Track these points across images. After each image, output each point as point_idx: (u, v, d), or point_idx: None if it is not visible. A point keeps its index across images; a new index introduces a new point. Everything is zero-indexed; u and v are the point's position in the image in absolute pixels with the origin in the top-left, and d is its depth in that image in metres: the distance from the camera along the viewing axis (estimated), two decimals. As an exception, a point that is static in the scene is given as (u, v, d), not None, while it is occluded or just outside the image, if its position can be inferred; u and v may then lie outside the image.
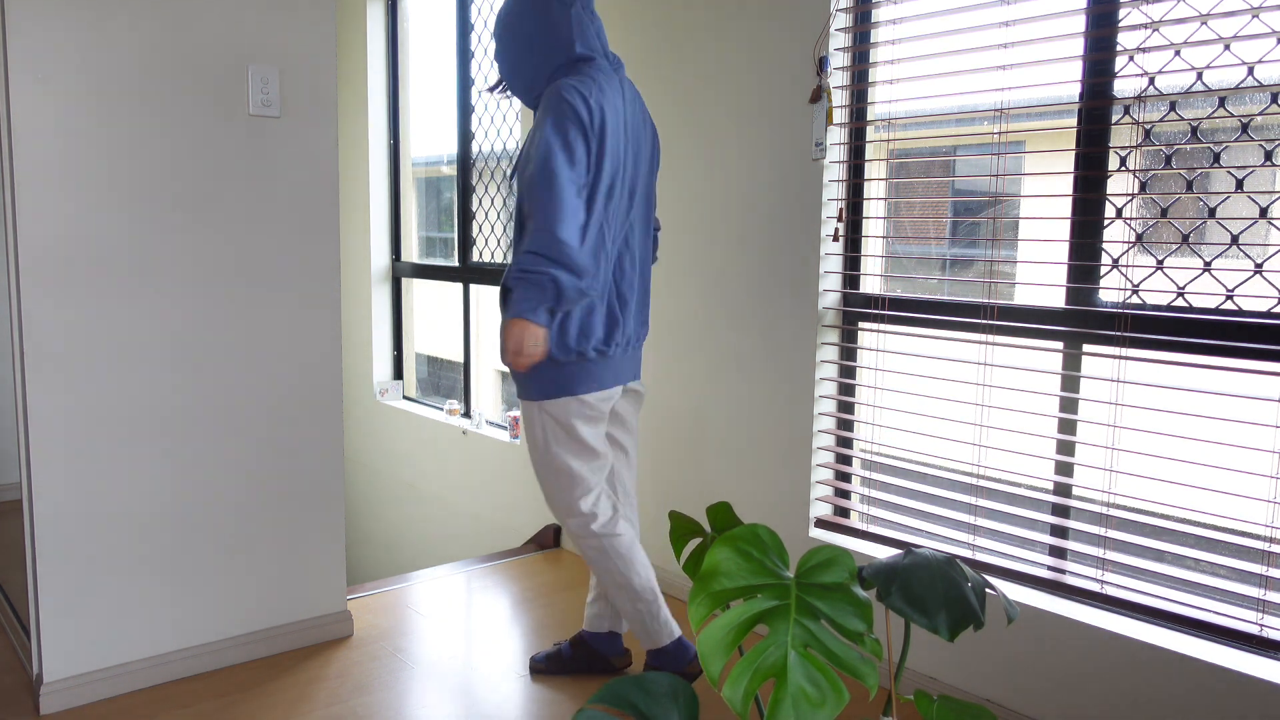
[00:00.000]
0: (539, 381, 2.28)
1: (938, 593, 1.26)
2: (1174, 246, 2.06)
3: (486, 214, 4.20)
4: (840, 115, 2.61)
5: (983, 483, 2.39)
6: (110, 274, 2.35)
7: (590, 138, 2.15)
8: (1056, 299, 2.26)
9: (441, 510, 4.39)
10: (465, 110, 4.25)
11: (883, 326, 2.57)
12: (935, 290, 2.53)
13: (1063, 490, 2.27)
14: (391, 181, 4.79)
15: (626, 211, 2.32)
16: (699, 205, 2.97)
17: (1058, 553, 2.29)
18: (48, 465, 2.30)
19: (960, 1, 2.35)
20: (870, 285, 2.64)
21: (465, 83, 4.23)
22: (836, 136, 2.62)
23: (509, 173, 2.46)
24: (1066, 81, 2.19)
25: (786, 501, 2.78)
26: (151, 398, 2.43)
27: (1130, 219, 2.12)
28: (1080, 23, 2.15)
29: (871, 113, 2.58)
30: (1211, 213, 2.00)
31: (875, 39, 2.56)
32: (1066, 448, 2.26)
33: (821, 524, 2.74)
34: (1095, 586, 2.19)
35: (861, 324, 2.64)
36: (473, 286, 4.29)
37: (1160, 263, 2.08)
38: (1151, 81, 2.05)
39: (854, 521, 2.69)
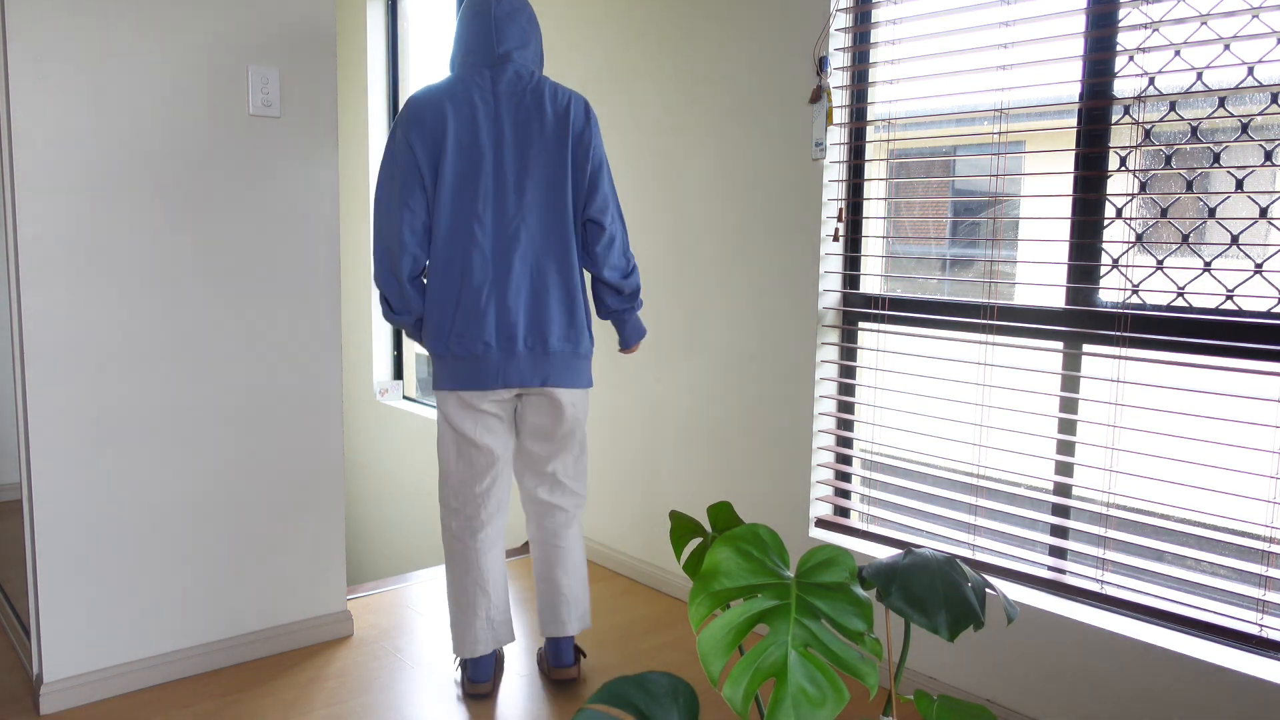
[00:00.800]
0: (433, 374, 2.43)
1: (938, 593, 1.26)
2: (1174, 246, 2.06)
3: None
4: (840, 115, 2.61)
5: (983, 483, 2.39)
6: (110, 274, 2.35)
7: (410, 138, 2.28)
8: (1056, 299, 2.26)
9: (441, 510, 4.39)
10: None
11: (883, 326, 2.57)
12: (935, 290, 2.53)
13: (1063, 490, 2.27)
14: (391, 181, 4.79)
15: (513, 204, 2.28)
16: (699, 205, 2.97)
17: (1058, 553, 2.29)
18: (48, 465, 2.30)
19: (960, 1, 2.35)
20: (870, 285, 2.65)
21: (465, 83, 4.23)
22: (836, 136, 2.62)
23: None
24: (1066, 81, 2.19)
25: (786, 501, 2.78)
26: (152, 397, 2.43)
27: (1130, 219, 2.12)
28: (1080, 23, 2.15)
29: (871, 113, 2.58)
30: (1211, 213, 2.00)
31: (875, 39, 2.56)
32: (1066, 448, 2.26)
33: (821, 524, 2.74)
34: (1095, 586, 2.19)
35: (861, 324, 2.64)
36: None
37: (1160, 263, 2.08)
38: (1151, 81, 2.05)
39: (854, 521, 2.69)
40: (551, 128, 2.30)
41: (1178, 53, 2.01)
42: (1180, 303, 2.07)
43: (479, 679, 2.47)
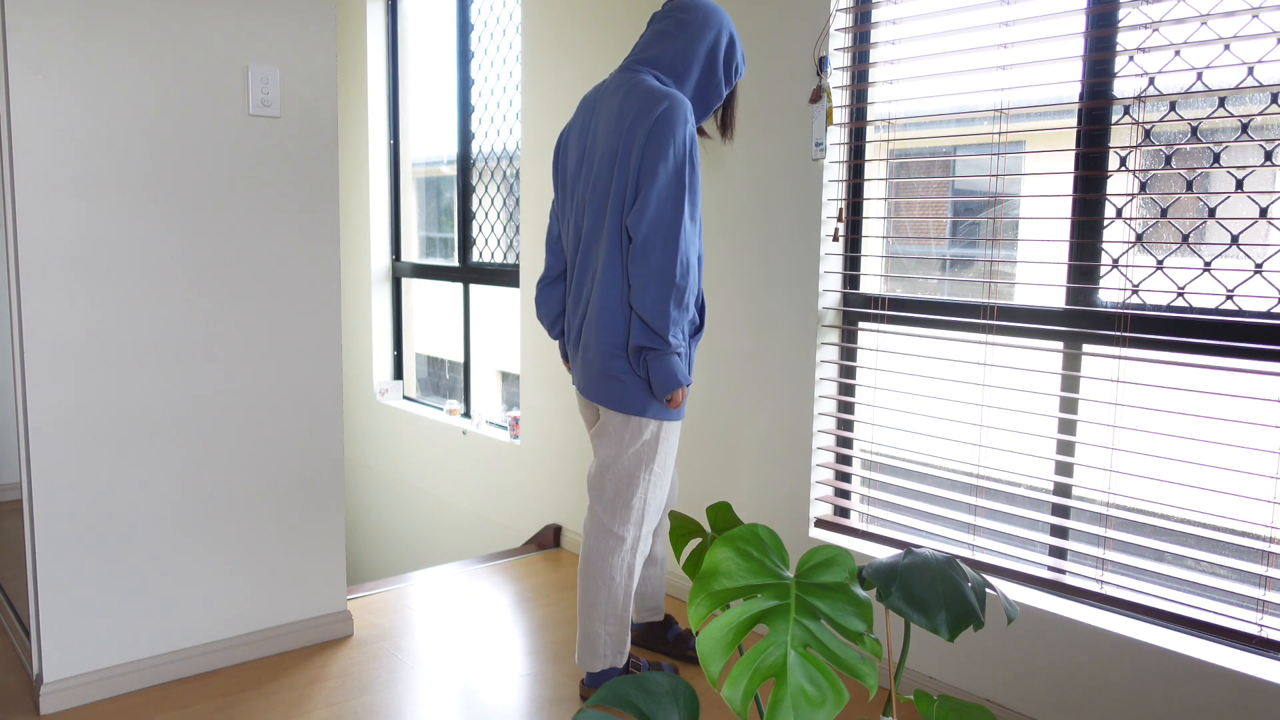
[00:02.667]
0: None
1: (938, 593, 1.26)
2: (1174, 246, 2.06)
3: (486, 214, 4.20)
4: (840, 115, 2.61)
5: (983, 483, 2.39)
6: (110, 274, 2.35)
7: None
8: (1056, 299, 2.26)
9: (441, 510, 4.39)
10: (465, 110, 4.25)
11: (883, 326, 2.57)
12: (935, 290, 2.53)
13: (1063, 490, 2.27)
14: (391, 181, 4.79)
15: (584, 212, 2.32)
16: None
17: (1058, 553, 2.29)
18: (48, 465, 2.30)
19: (960, 1, 2.35)
20: (870, 285, 2.64)
21: (465, 83, 4.23)
22: (836, 136, 2.62)
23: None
24: (1066, 81, 2.19)
25: (786, 501, 2.78)
26: (151, 397, 2.43)
27: (1130, 219, 2.12)
28: (1080, 23, 2.15)
29: (871, 113, 2.58)
30: (1211, 213, 2.00)
31: (875, 39, 2.55)
32: (1066, 448, 2.26)
33: (821, 524, 2.74)
34: (1095, 586, 2.19)
35: (861, 324, 2.64)
36: (473, 286, 4.29)
37: (1160, 263, 2.08)
38: (1151, 81, 2.05)
39: (854, 521, 2.69)
40: (617, 130, 2.19)
41: (1178, 53, 2.00)
42: (1180, 303, 2.06)
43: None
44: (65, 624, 2.36)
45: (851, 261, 2.66)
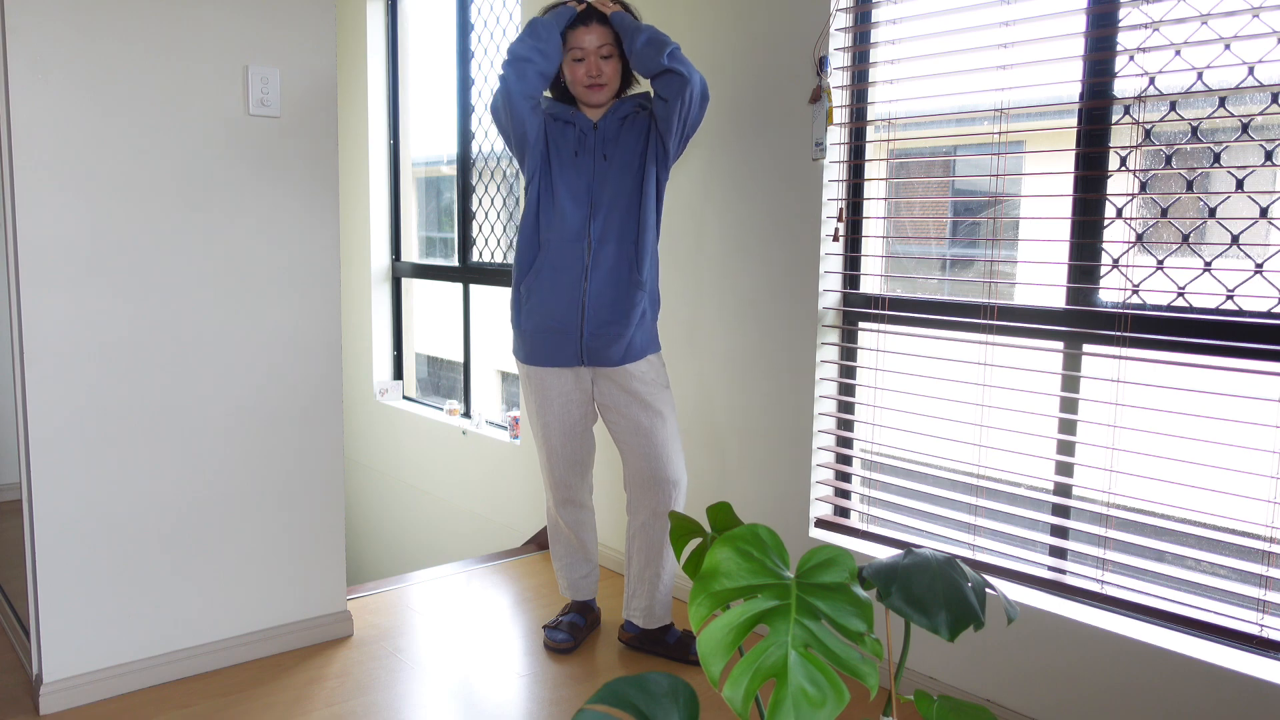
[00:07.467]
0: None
1: (938, 593, 1.26)
2: (1174, 246, 2.06)
3: (486, 214, 4.19)
4: (840, 115, 2.61)
5: (983, 483, 2.39)
6: (110, 273, 2.35)
7: None
8: (1057, 299, 2.25)
9: (441, 510, 4.39)
10: (465, 110, 4.25)
11: (883, 326, 2.57)
12: (935, 290, 2.53)
13: (1063, 490, 2.27)
14: (391, 181, 4.79)
15: None
16: (698, 205, 2.97)
17: (1058, 553, 2.29)
18: (48, 465, 2.30)
19: (960, 1, 2.35)
20: (870, 285, 2.64)
21: (465, 83, 4.23)
22: (836, 136, 2.61)
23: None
24: (1066, 81, 2.18)
25: (786, 501, 2.78)
26: (151, 397, 2.43)
27: (1130, 219, 2.12)
28: (1080, 22, 2.15)
29: (871, 113, 2.58)
30: (1212, 213, 2.00)
31: (875, 39, 2.55)
32: (1066, 448, 2.26)
33: (821, 524, 2.74)
34: (1095, 586, 2.19)
35: (861, 324, 2.64)
36: (473, 286, 4.28)
37: (1160, 263, 2.08)
38: (1151, 81, 2.05)
39: (854, 521, 2.69)
40: None
41: (1178, 53, 2.00)
42: (1180, 303, 2.06)
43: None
44: (65, 624, 2.36)
45: (851, 261, 2.66)
